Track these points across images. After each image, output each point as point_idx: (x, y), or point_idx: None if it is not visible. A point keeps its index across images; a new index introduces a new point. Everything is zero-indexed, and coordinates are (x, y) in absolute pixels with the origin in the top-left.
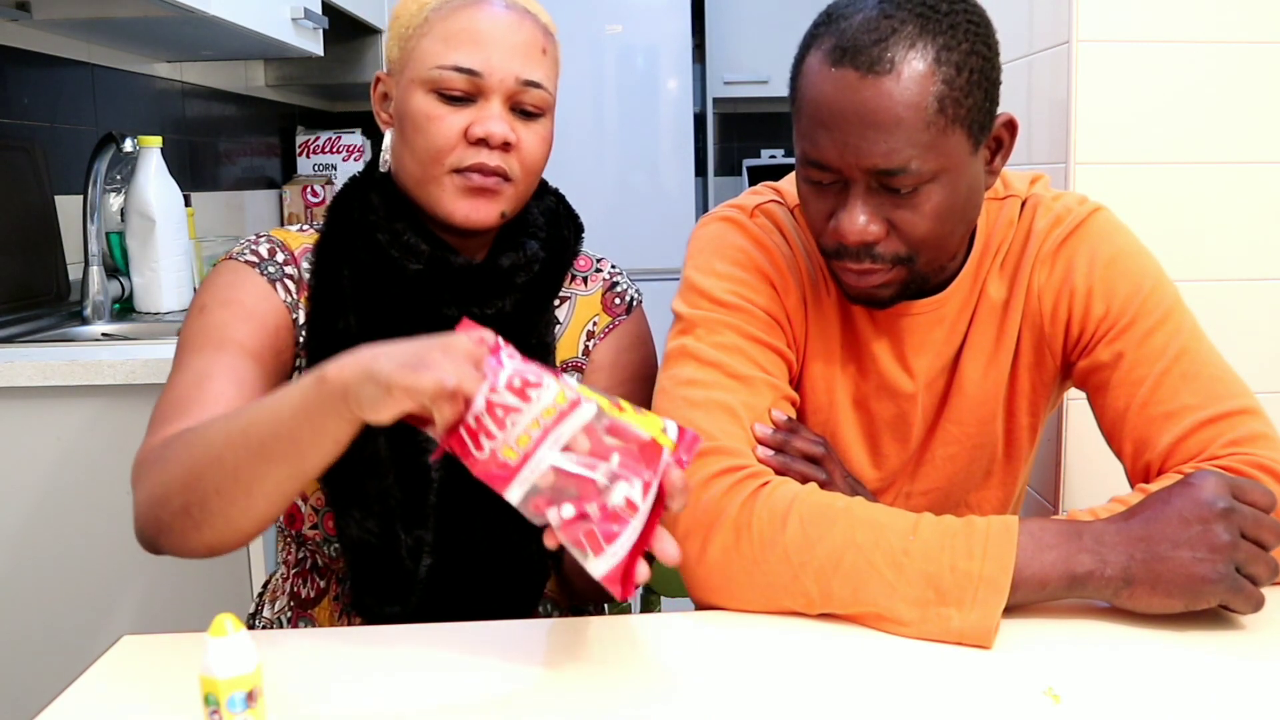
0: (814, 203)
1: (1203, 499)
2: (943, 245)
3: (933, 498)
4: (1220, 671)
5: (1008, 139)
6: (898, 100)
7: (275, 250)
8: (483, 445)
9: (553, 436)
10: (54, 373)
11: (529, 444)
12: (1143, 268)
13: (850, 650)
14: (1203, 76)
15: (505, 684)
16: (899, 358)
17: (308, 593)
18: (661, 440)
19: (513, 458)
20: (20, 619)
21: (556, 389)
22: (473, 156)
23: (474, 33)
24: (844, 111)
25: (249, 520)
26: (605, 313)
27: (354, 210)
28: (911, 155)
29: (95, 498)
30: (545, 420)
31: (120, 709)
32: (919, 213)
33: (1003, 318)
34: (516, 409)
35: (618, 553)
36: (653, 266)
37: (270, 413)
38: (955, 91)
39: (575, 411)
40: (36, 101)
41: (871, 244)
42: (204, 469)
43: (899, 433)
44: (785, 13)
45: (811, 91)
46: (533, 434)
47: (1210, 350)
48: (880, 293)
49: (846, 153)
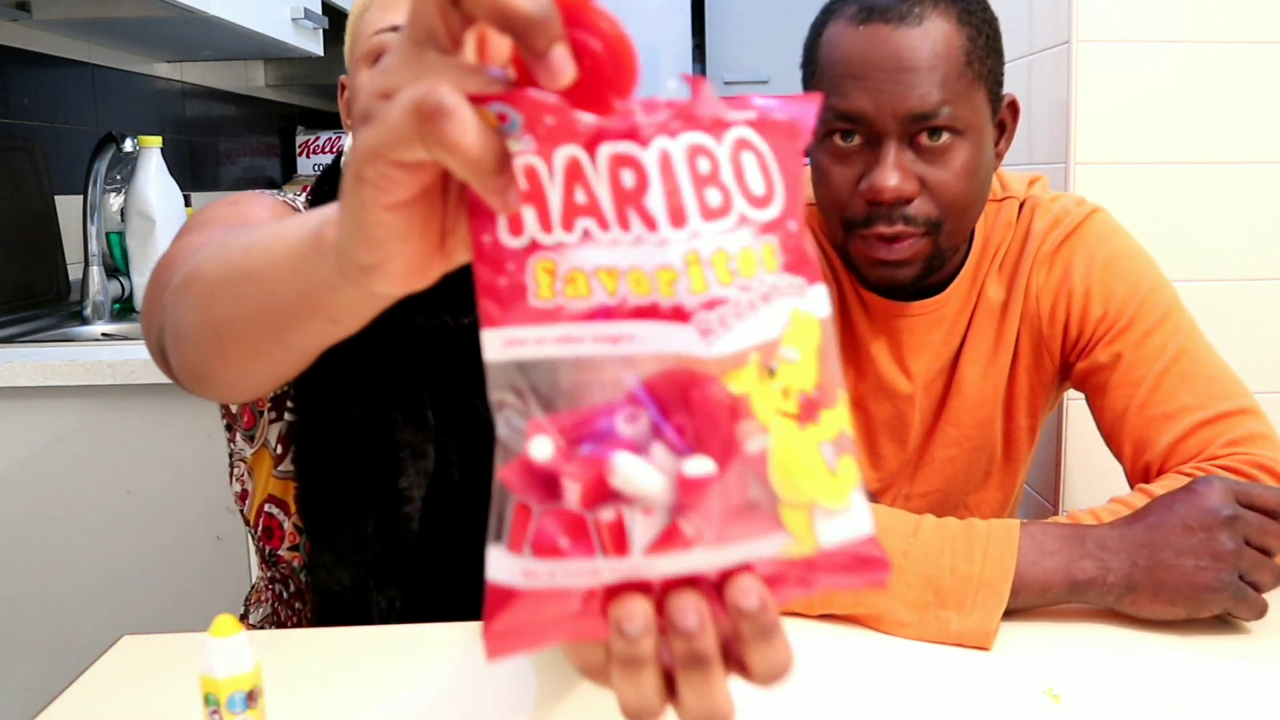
0: (838, 171)
1: (1206, 506)
2: (967, 213)
3: (932, 499)
4: (1221, 674)
5: (1011, 122)
6: (929, 47)
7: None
8: (522, 225)
9: (615, 329)
10: (54, 373)
11: (582, 294)
12: (1141, 269)
13: (850, 650)
14: (1203, 76)
15: (505, 684)
16: (897, 359)
17: (288, 615)
18: (788, 520)
19: (544, 295)
20: (20, 619)
21: (698, 247)
22: None
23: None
24: (877, 60)
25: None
26: None
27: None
28: (944, 99)
29: (95, 497)
30: (638, 290)
31: (120, 709)
32: (950, 170)
33: (1001, 319)
34: (605, 219)
35: (533, 576)
36: None
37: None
38: (978, 49)
39: (683, 324)
40: (36, 101)
41: (907, 200)
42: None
43: (896, 434)
44: (785, 13)
45: (839, 52)
46: (597, 285)
47: (1209, 350)
48: (902, 272)
49: (882, 99)
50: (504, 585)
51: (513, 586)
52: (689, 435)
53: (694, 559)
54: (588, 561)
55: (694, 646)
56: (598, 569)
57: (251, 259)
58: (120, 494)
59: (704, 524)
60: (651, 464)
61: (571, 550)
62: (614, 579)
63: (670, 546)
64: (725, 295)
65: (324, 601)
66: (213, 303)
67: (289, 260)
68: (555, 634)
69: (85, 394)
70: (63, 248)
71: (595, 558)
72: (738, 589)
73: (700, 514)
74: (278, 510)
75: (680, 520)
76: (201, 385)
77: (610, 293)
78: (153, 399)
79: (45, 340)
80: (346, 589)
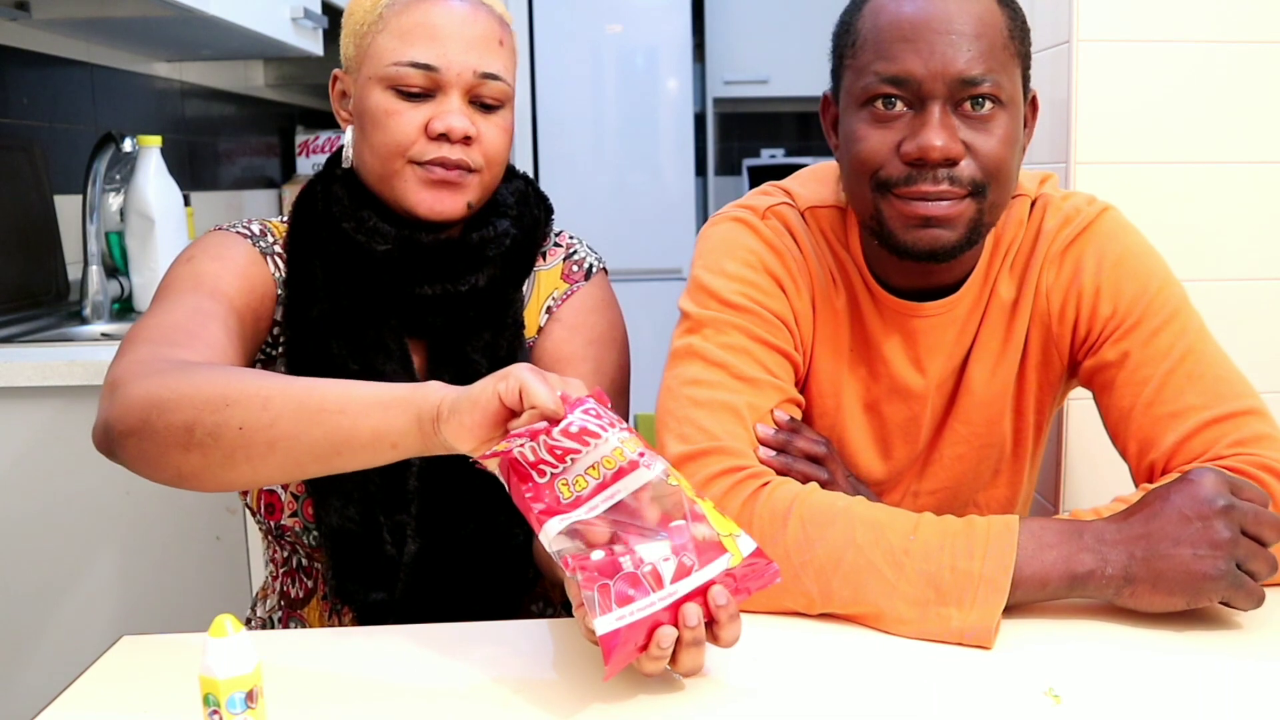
0: (875, 136)
1: (1202, 496)
2: (1008, 184)
3: (940, 497)
4: (1220, 672)
5: (1031, 118)
6: (978, 15)
7: (266, 232)
8: (544, 472)
9: (610, 490)
10: (54, 373)
11: (585, 487)
12: (1150, 268)
13: (850, 650)
14: (1203, 76)
15: (505, 684)
16: (913, 359)
17: (296, 592)
18: (727, 544)
19: (566, 494)
20: (20, 619)
21: (615, 444)
22: (433, 151)
23: (430, 27)
24: (929, 21)
25: (249, 471)
26: (564, 280)
27: (318, 203)
28: (992, 67)
29: (95, 498)
30: (605, 470)
31: (120, 709)
32: (994, 137)
33: (1011, 317)
34: (576, 451)
35: (623, 618)
36: (653, 266)
37: (344, 391)
38: (1017, 30)
39: (634, 472)
40: (36, 101)
41: (953, 162)
42: (241, 401)
43: (908, 434)
44: (785, 13)
45: (886, 16)
46: (590, 479)
47: (1216, 351)
48: (945, 234)
49: (933, 60)
50: (612, 632)
51: (614, 630)
52: (662, 519)
53: (694, 579)
54: (646, 598)
55: (696, 634)
56: (652, 600)
57: (327, 397)
58: (120, 494)
59: (692, 558)
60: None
61: (637, 595)
62: (662, 605)
63: (683, 575)
64: (641, 451)
65: (336, 546)
66: (275, 423)
67: (376, 411)
68: (636, 655)
69: (85, 394)
70: (62, 247)
71: (650, 595)
72: (714, 592)
73: (687, 553)
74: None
75: (681, 558)
76: (174, 477)
77: (598, 477)
78: None
79: (45, 340)
80: (358, 524)
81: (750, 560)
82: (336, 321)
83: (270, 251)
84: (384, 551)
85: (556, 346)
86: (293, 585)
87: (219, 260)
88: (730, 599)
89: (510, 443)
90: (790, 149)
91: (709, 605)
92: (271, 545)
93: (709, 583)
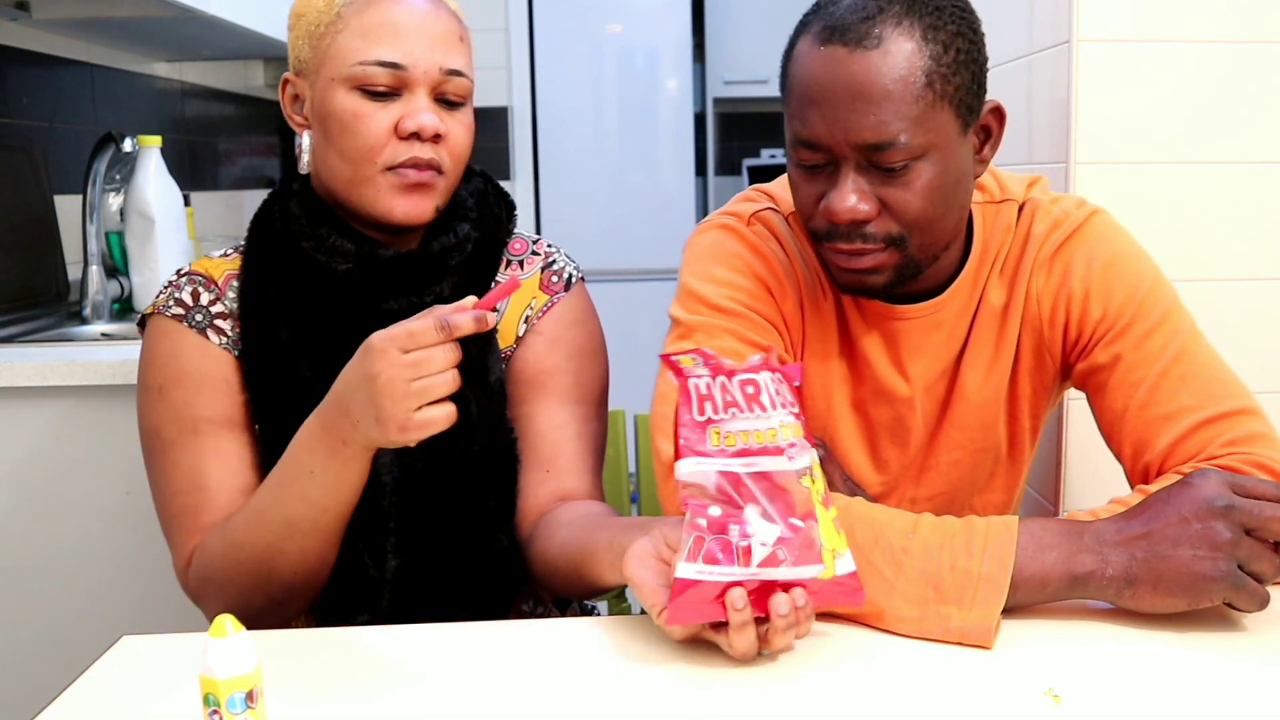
0: (804, 187)
1: (1202, 497)
2: (934, 227)
3: (937, 503)
4: (1221, 672)
5: (996, 127)
6: (885, 74)
7: (198, 292)
8: (705, 410)
9: (750, 459)
10: (54, 373)
11: (732, 444)
12: (1140, 270)
13: (850, 650)
14: (1203, 76)
15: (504, 684)
16: (895, 362)
17: None
18: (825, 557)
19: (715, 443)
20: (20, 619)
21: (774, 425)
22: (405, 152)
23: (393, 25)
24: (833, 86)
25: (326, 566)
26: (543, 291)
27: (275, 223)
28: (900, 129)
29: (95, 498)
30: (754, 441)
31: (120, 709)
32: (910, 190)
33: (1002, 322)
34: (740, 408)
35: (702, 573)
36: (652, 266)
37: (297, 489)
38: (942, 68)
39: (777, 457)
40: (36, 101)
41: (862, 223)
42: (270, 565)
43: (897, 437)
44: (785, 13)
45: (801, 72)
46: (739, 441)
47: (1209, 351)
48: (872, 279)
49: (836, 128)
50: (687, 579)
51: (690, 579)
52: (785, 509)
53: (778, 572)
54: (729, 568)
55: (788, 620)
56: (733, 572)
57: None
58: (120, 494)
59: (787, 553)
60: (767, 521)
61: (723, 561)
62: (739, 579)
63: (771, 564)
64: (793, 441)
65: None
66: (274, 563)
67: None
68: (701, 614)
69: (85, 394)
70: (62, 247)
71: (733, 566)
72: (777, 600)
73: (786, 548)
74: None
75: (776, 550)
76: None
77: (745, 443)
78: None
79: (45, 340)
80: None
81: (842, 579)
82: (303, 343)
83: (209, 322)
84: (366, 574)
85: (538, 359)
86: None
87: (180, 384)
88: (791, 609)
89: (695, 364)
90: None
91: (769, 611)
92: None
93: (793, 581)
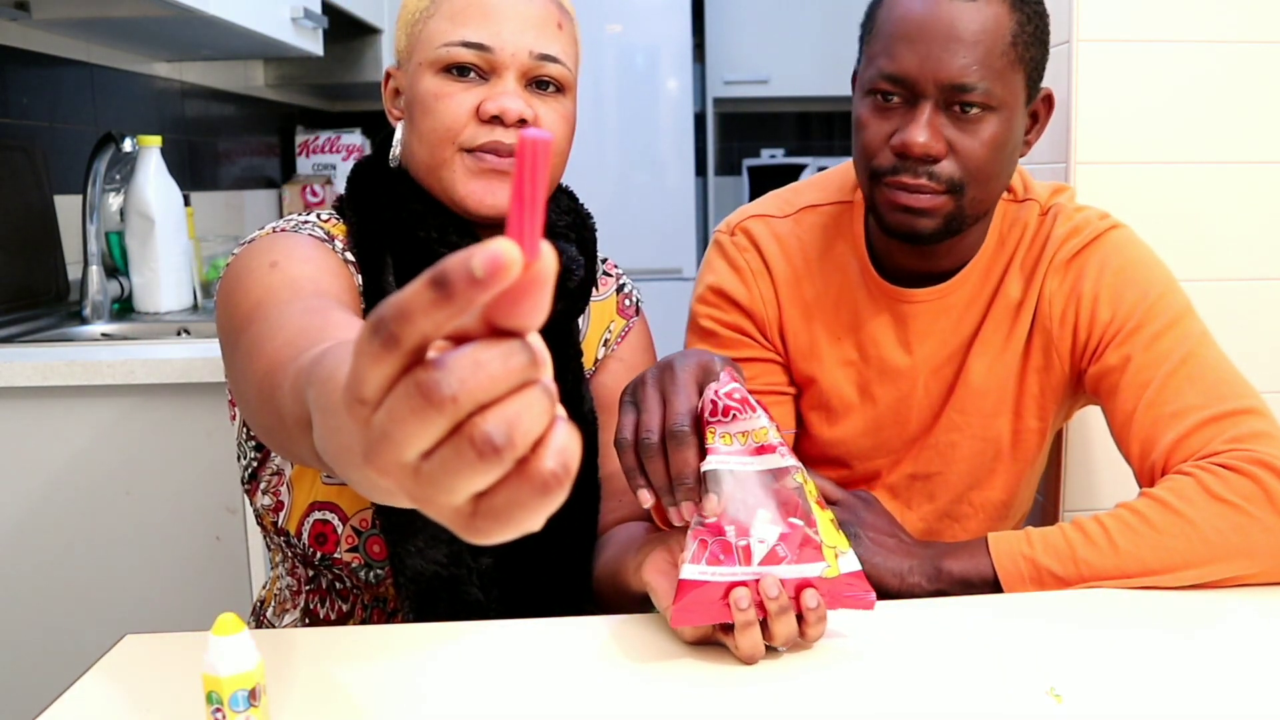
0: (875, 125)
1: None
2: (989, 184)
3: (933, 484)
4: (1221, 672)
5: (1044, 114)
6: (980, 23)
7: (333, 236)
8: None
9: (750, 459)
10: (54, 373)
11: (730, 445)
12: (1151, 277)
13: (851, 650)
14: (1203, 76)
15: (507, 683)
16: (902, 342)
17: (327, 613)
18: (827, 555)
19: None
20: (20, 619)
21: (764, 424)
22: (485, 135)
23: (483, 6)
24: (931, 25)
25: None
26: (619, 315)
27: (383, 205)
28: (983, 76)
29: (95, 498)
30: (752, 440)
31: (122, 708)
32: (977, 139)
33: (1015, 316)
34: (739, 411)
35: (705, 574)
36: (653, 266)
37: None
38: (1025, 35)
39: (773, 454)
40: (36, 101)
41: (934, 159)
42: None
43: (899, 415)
44: (785, 13)
45: (898, 11)
46: (739, 442)
47: (1219, 356)
48: (923, 222)
49: (927, 64)
50: (691, 580)
51: (694, 580)
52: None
53: (781, 570)
54: (731, 567)
55: (780, 603)
56: (735, 571)
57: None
58: (120, 494)
59: (787, 550)
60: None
61: (725, 561)
62: (742, 579)
63: (772, 562)
64: (780, 442)
65: (419, 590)
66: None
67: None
68: (706, 615)
69: (84, 394)
70: (62, 247)
71: (735, 566)
72: (807, 594)
73: (786, 545)
74: (331, 515)
75: (777, 548)
76: None
77: (743, 444)
78: (152, 399)
79: (45, 340)
80: (443, 565)
81: (848, 579)
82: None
83: (344, 258)
84: (471, 596)
85: (617, 384)
86: (322, 605)
87: (309, 263)
88: (821, 602)
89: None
90: (790, 149)
91: (800, 606)
92: (288, 561)
93: (797, 579)
